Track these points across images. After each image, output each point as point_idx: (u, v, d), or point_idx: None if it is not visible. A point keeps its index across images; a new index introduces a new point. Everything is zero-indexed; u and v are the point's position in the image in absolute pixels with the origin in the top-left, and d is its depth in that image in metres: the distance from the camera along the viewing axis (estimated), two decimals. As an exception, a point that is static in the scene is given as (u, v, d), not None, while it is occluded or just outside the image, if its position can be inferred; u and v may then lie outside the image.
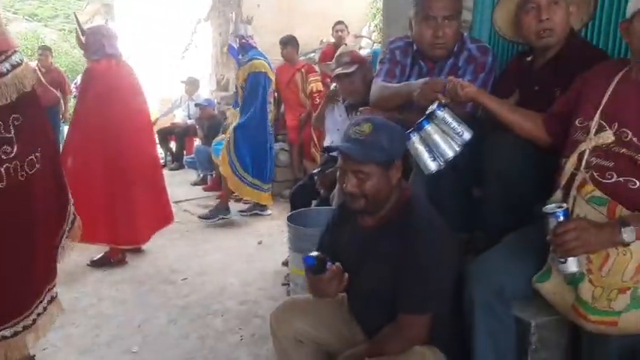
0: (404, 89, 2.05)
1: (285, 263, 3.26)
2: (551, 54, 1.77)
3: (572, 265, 1.22)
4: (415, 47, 2.22)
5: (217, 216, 4.38)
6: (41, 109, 1.97)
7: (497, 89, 2.07)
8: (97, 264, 3.36)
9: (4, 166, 1.75)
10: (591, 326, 1.26)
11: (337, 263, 1.52)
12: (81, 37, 3.22)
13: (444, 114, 1.60)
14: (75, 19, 3.35)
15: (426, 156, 1.62)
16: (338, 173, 1.53)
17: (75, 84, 8.32)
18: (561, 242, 1.19)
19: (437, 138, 1.60)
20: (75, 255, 3.53)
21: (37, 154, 1.86)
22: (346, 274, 1.52)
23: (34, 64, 6.60)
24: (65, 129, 8.73)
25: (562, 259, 1.23)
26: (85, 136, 3.20)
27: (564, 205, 1.25)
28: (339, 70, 2.78)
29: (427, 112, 1.64)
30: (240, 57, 4.37)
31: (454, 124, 1.60)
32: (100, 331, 2.55)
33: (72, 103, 11.76)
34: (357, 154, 1.41)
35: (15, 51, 1.81)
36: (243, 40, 4.32)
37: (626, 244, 1.18)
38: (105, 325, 2.61)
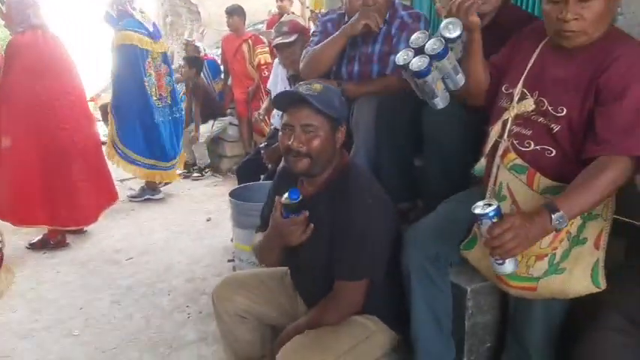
0: (335, 38, 2.08)
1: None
2: (484, 22, 1.79)
3: (510, 265, 1.17)
4: (347, 18, 2.21)
5: (144, 195, 4.27)
6: None
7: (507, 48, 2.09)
8: (36, 247, 3.23)
9: None
10: (513, 291, 1.31)
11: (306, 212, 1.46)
12: (1, 6, 2.98)
13: (457, 42, 1.42)
14: None
15: (441, 87, 1.45)
16: (281, 132, 1.48)
17: None
18: (499, 244, 1.12)
19: (450, 68, 1.43)
20: (15, 238, 3.41)
21: None
22: (311, 226, 1.46)
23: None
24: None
25: (500, 261, 1.17)
26: (13, 114, 3.01)
27: (494, 203, 1.17)
28: (278, 40, 2.72)
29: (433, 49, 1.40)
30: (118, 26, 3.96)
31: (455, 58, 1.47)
32: (40, 315, 2.46)
33: None
34: (316, 102, 1.39)
35: None
36: (120, 7, 3.91)
37: (559, 231, 1.17)
38: (45, 309, 2.52)
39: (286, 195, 1.44)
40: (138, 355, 2.12)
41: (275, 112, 3.37)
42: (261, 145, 3.18)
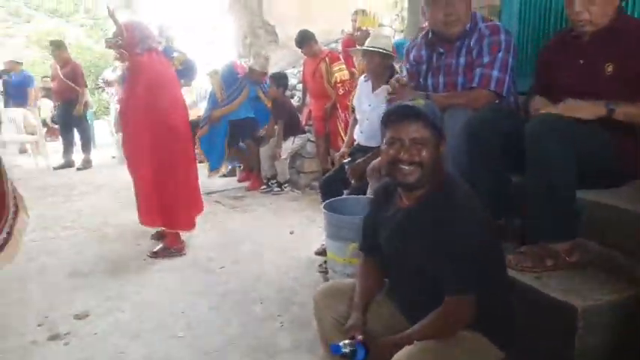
0: None
1: (319, 253, 3.33)
2: (598, 28, 1.81)
3: None
4: (430, 34, 2.32)
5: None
6: None
7: (539, 66, 2.12)
8: (158, 255, 3.47)
9: None
10: None
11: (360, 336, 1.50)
12: (122, 31, 3.28)
13: None
14: (112, 16, 3.39)
15: None
16: (386, 146, 1.53)
17: (102, 79, 8.50)
18: None
19: None
20: (117, 245, 3.72)
21: None
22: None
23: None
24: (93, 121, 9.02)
25: None
26: (135, 127, 3.34)
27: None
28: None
29: None
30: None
31: None
32: (146, 317, 2.65)
33: (99, 96, 11.98)
34: (430, 116, 1.45)
35: None
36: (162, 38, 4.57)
37: None
38: (150, 311, 2.72)
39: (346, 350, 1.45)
40: (238, 359, 2.24)
41: (357, 127, 3.46)
42: (345, 161, 3.27)
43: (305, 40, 5.14)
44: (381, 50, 3.05)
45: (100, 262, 3.44)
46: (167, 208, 3.40)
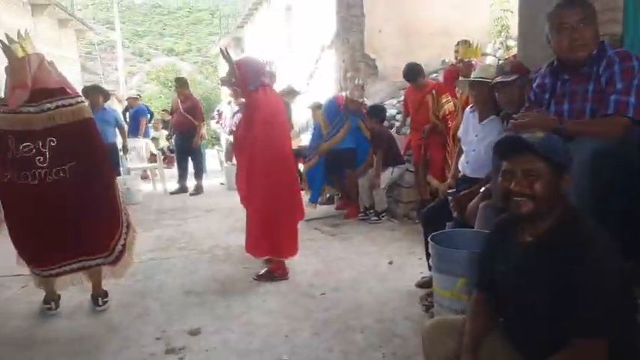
0: None
1: (420, 285, 3.28)
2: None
3: None
4: (555, 62, 2.28)
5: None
6: (83, 139, 2.90)
7: None
8: (263, 278, 3.62)
9: (38, 171, 2.77)
10: None
11: None
12: (235, 70, 3.55)
13: None
14: (226, 55, 3.66)
15: None
16: (500, 178, 1.52)
17: (217, 111, 9.18)
18: None
19: None
20: (226, 266, 3.95)
21: (64, 167, 2.80)
22: None
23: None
24: (205, 150, 9.75)
25: None
26: (250, 160, 3.56)
27: None
28: (498, 79, 2.81)
29: None
30: None
31: None
32: (253, 338, 2.77)
33: (209, 127, 12.89)
34: (544, 149, 1.43)
35: (63, 95, 2.83)
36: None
37: None
38: (256, 332, 2.84)
39: None
40: (342, 387, 2.26)
41: (463, 158, 3.39)
42: (449, 192, 3.22)
43: (414, 73, 5.17)
44: (489, 81, 3.01)
45: (211, 282, 3.67)
46: (274, 237, 3.54)
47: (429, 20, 7.79)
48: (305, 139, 7.64)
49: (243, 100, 7.36)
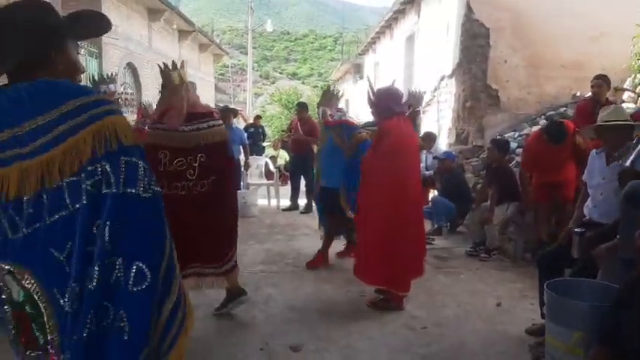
0: None
1: (531, 332, 3.08)
2: None
3: None
4: None
5: None
6: (222, 156, 3.19)
7: None
8: (377, 306, 3.63)
9: (188, 183, 3.08)
10: None
11: None
12: (371, 96, 3.69)
13: None
14: (370, 85, 3.84)
15: None
16: None
17: None
18: None
19: None
20: (329, 287, 4.03)
21: (207, 180, 3.11)
22: None
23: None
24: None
25: None
26: (374, 186, 3.59)
27: None
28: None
29: None
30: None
31: None
32: (353, 362, 2.81)
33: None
34: None
35: (211, 117, 3.17)
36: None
37: None
38: (354, 356, 2.87)
39: None
40: None
41: (589, 202, 3.15)
42: (576, 230, 2.99)
43: (563, 135, 4.55)
44: (624, 122, 2.81)
45: (314, 301, 3.78)
46: (391, 267, 3.51)
47: (559, 52, 7.38)
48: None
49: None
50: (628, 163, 2.90)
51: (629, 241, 2.32)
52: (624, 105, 6.61)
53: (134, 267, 1.20)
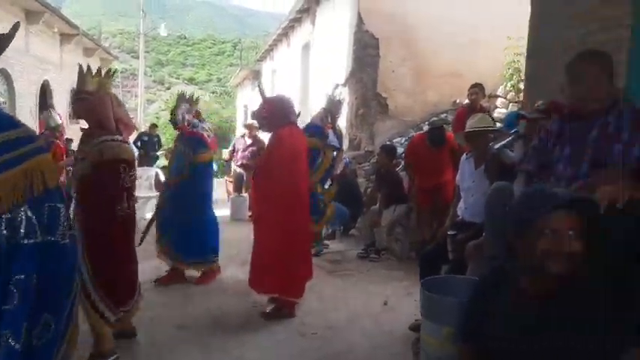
0: None
1: (413, 328, 3.24)
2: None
3: None
4: (566, 111, 2.34)
5: None
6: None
7: None
8: (270, 316, 3.57)
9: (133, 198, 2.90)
10: None
11: None
12: (264, 105, 3.65)
13: None
14: (261, 92, 3.79)
15: None
16: (542, 237, 1.43)
17: (233, 146, 9.23)
18: None
19: None
20: (224, 299, 3.91)
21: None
22: None
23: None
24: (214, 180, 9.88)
25: None
26: (268, 196, 3.55)
27: None
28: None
29: None
30: None
31: None
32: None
33: (220, 156, 13.04)
34: (580, 206, 1.45)
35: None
36: None
37: None
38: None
39: None
40: None
41: (461, 204, 3.40)
42: (449, 233, 3.21)
43: (442, 141, 4.92)
44: (486, 128, 3.08)
45: (205, 316, 3.64)
46: (283, 275, 3.50)
47: (441, 62, 7.94)
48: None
49: (257, 134, 7.42)
50: (496, 147, 3.20)
51: (492, 240, 2.53)
52: (497, 110, 7.28)
53: (42, 319, 1.18)
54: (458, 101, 7.78)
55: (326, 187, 5.40)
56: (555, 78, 2.42)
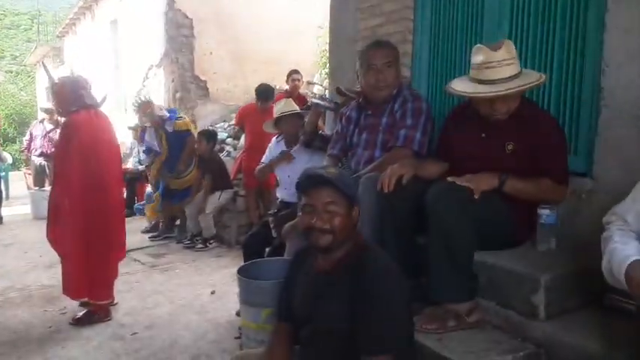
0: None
1: (239, 314, 3.24)
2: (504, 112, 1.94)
3: None
4: (361, 99, 2.56)
5: None
6: None
7: (442, 133, 2.26)
8: (81, 322, 3.21)
9: None
10: None
11: None
12: (54, 87, 3.16)
13: None
14: (45, 69, 3.28)
15: None
16: (301, 212, 1.57)
17: (29, 135, 7.99)
18: None
19: None
20: (22, 311, 3.43)
21: None
22: None
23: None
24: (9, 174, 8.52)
25: None
26: (68, 193, 3.14)
27: None
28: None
29: None
30: None
31: None
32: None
33: (19, 146, 11.34)
34: (340, 184, 1.52)
35: None
36: None
37: None
38: (48, 387, 2.50)
39: None
40: None
41: (281, 186, 3.49)
42: (269, 213, 3.27)
43: (271, 95, 5.18)
44: (293, 111, 3.25)
45: (3, 330, 3.15)
46: (90, 277, 3.18)
47: (258, 48, 7.99)
48: (129, 162, 7.17)
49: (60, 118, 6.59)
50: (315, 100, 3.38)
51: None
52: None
53: None
54: (278, 87, 7.95)
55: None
56: (354, 67, 2.60)
